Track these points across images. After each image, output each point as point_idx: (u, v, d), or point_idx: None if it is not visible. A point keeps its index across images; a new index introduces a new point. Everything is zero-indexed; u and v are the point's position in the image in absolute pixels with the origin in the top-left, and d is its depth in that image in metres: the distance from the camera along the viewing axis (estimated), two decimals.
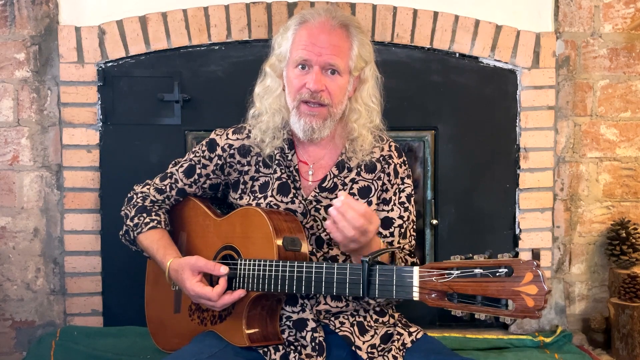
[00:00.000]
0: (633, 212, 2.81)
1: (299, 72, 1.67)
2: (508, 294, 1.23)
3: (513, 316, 1.23)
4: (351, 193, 1.75)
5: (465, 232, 2.70)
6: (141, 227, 1.83)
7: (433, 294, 1.32)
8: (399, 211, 1.77)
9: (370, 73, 1.75)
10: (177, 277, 1.72)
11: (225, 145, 1.83)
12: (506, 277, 1.23)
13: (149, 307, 1.98)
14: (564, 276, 2.81)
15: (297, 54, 1.66)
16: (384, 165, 1.78)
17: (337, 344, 1.69)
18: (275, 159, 1.77)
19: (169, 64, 2.58)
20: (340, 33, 1.67)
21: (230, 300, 1.66)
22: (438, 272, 1.32)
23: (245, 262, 1.65)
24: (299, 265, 1.57)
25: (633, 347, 2.58)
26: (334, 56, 1.65)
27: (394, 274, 1.41)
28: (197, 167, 1.85)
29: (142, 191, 1.91)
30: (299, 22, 1.69)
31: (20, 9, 2.57)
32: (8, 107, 2.60)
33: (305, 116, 1.68)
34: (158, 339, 1.95)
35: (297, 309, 1.70)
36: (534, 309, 1.21)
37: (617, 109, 2.78)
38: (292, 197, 1.75)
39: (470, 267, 1.28)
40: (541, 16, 2.68)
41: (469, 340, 2.54)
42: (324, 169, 1.77)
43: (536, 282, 1.21)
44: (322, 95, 1.66)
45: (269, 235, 1.63)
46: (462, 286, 1.28)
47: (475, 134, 2.69)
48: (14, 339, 2.64)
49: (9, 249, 2.62)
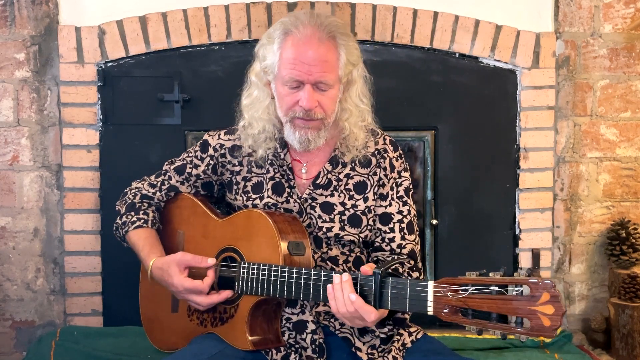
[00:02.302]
0: (633, 212, 2.81)
1: (289, 89, 1.65)
2: (524, 312, 1.23)
3: (528, 335, 1.23)
4: (347, 189, 1.74)
5: (465, 232, 2.70)
6: (128, 225, 1.85)
7: (447, 308, 1.32)
8: (397, 206, 1.75)
9: (358, 74, 1.73)
10: (162, 274, 1.72)
11: (216, 145, 1.83)
12: (522, 295, 1.24)
13: (144, 304, 1.96)
14: (564, 276, 2.81)
15: (286, 73, 1.63)
16: (379, 159, 1.76)
17: (338, 345, 1.68)
18: (268, 159, 1.76)
19: (169, 64, 2.58)
20: (328, 45, 1.63)
21: (217, 300, 1.66)
22: (452, 288, 1.32)
23: (249, 265, 1.65)
24: (307, 272, 1.55)
25: (633, 347, 2.58)
26: (325, 73, 1.62)
27: (408, 288, 1.40)
28: (189, 166, 1.87)
29: (137, 187, 1.92)
30: (284, 33, 1.65)
31: (20, 9, 2.57)
32: (8, 107, 2.60)
33: (300, 129, 1.67)
34: (154, 337, 1.93)
35: (296, 310, 1.69)
36: (550, 329, 1.21)
37: (617, 109, 2.78)
38: (287, 197, 1.74)
39: (485, 284, 1.28)
40: (541, 16, 2.68)
41: (469, 340, 2.54)
42: (317, 166, 1.76)
43: (553, 303, 1.21)
44: (315, 112, 1.65)
45: (274, 239, 1.61)
46: (477, 303, 1.28)
47: (475, 134, 2.69)
48: (14, 339, 2.64)
49: (9, 249, 2.62)
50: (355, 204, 1.73)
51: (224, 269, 1.73)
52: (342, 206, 1.72)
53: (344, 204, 1.73)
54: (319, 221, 1.72)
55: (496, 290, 1.26)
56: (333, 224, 1.71)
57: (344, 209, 1.72)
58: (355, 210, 1.73)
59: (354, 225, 1.72)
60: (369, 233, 1.75)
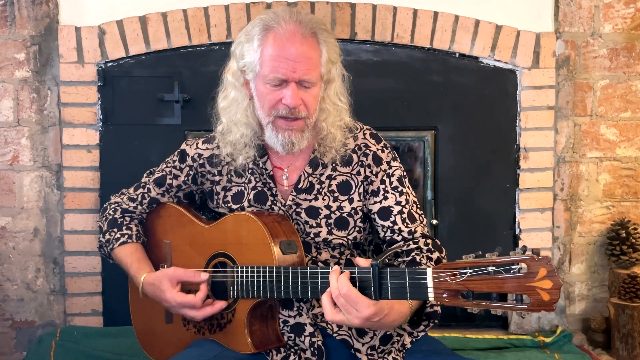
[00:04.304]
0: (633, 212, 2.81)
1: (271, 87, 1.60)
2: (523, 289, 1.26)
3: (530, 310, 1.26)
4: (330, 190, 1.69)
5: (465, 232, 2.70)
6: (112, 242, 1.80)
7: (448, 293, 1.34)
8: (394, 197, 1.69)
9: (336, 72, 1.68)
10: (154, 290, 1.68)
11: (195, 155, 1.78)
12: (520, 273, 1.26)
13: (136, 319, 1.92)
14: (564, 276, 2.81)
15: (269, 71, 1.59)
16: (360, 156, 1.70)
17: (337, 347, 1.66)
18: (249, 168, 1.72)
19: (169, 64, 2.58)
20: (311, 42, 1.59)
21: (211, 312, 1.63)
22: (451, 272, 1.33)
23: (242, 269, 1.62)
24: (303, 270, 1.53)
25: (633, 347, 2.58)
26: (309, 70, 1.59)
27: (407, 277, 1.40)
28: (168, 177, 1.82)
29: (116, 201, 1.87)
30: (263, 29, 1.60)
31: (20, 9, 2.57)
32: (8, 107, 2.60)
33: (283, 131, 1.62)
34: (151, 351, 1.89)
35: (293, 312, 1.67)
36: (550, 303, 1.24)
37: (617, 109, 2.78)
38: (271, 205, 1.70)
39: (483, 265, 1.30)
40: (541, 16, 2.68)
41: (469, 340, 2.54)
42: (298, 170, 1.71)
43: (551, 277, 1.24)
44: (299, 110, 1.60)
45: (265, 240, 1.59)
46: (476, 284, 1.30)
47: (475, 134, 2.69)
48: (14, 339, 2.64)
49: (9, 249, 2.62)
50: (340, 206, 1.69)
51: (217, 275, 1.70)
52: (327, 209, 1.69)
53: (329, 207, 1.69)
54: (306, 227, 1.68)
55: (494, 271, 1.29)
56: (320, 228, 1.68)
57: (330, 212, 1.68)
58: (342, 213, 1.69)
59: (341, 228, 1.69)
60: (357, 235, 1.71)
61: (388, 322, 1.46)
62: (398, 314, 1.48)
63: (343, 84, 1.71)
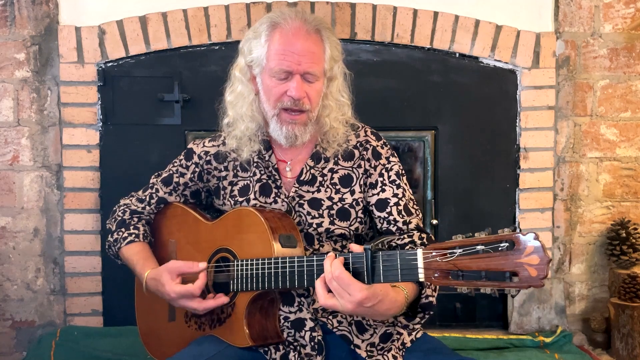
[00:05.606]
0: (633, 212, 2.81)
1: (277, 80, 1.68)
2: (511, 266, 1.27)
3: (518, 287, 1.27)
4: (332, 183, 1.75)
5: (465, 232, 2.67)
6: (120, 242, 1.84)
7: (439, 273, 1.35)
8: (391, 190, 1.74)
9: (339, 70, 1.76)
10: (156, 285, 1.72)
11: (201, 153, 1.84)
12: (508, 250, 1.28)
13: (140, 318, 1.94)
14: (564, 276, 2.81)
15: (275, 64, 1.66)
16: (362, 151, 1.77)
17: (337, 343, 1.68)
18: (254, 162, 1.78)
19: (169, 64, 2.58)
20: (315, 38, 1.68)
21: (214, 304, 1.66)
22: (441, 252, 1.35)
23: (242, 262, 1.65)
24: (299, 259, 1.56)
25: (633, 347, 2.58)
26: (313, 64, 1.67)
27: (398, 258, 1.41)
28: (175, 175, 1.87)
29: (125, 203, 1.92)
30: (270, 26, 1.68)
31: (20, 9, 2.57)
32: (8, 107, 2.60)
33: (287, 124, 1.69)
34: (154, 350, 1.91)
35: (294, 308, 1.69)
36: (538, 278, 1.25)
37: (617, 109, 2.79)
38: (275, 197, 1.75)
39: (472, 244, 1.32)
40: (541, 16, 2.68)
41: (469, 340, 2.54)
42: (300, 163, 1.77)
43: (537, 253, 1.25)
44: (303, 102, 1.68)
45: (265, 233, 1.62)
46: (466, 263, 1.32)
47: (475, 134, 2.69)
48: (14, 339, 2.64)
49: (9, 249, 2.62)
50: (342, 198, 1.74)
51: (218, 269, 1.73)
52: (329, 201, 1.73)
53: (331, 198, 1.73)
54: (309, 218, 1.72)
55: (483, 249, 1.30)
56: (322, 219, 1.72)
57: (332, 203, 1.73)
58: (343, 204, 1.73)
59: (343, 219, 1.73)
60: (359, 226, 1.75)
61: (382, 309, 1.47)
62: (393, 302, 1.49)
63: (345, 82, 1.78)
